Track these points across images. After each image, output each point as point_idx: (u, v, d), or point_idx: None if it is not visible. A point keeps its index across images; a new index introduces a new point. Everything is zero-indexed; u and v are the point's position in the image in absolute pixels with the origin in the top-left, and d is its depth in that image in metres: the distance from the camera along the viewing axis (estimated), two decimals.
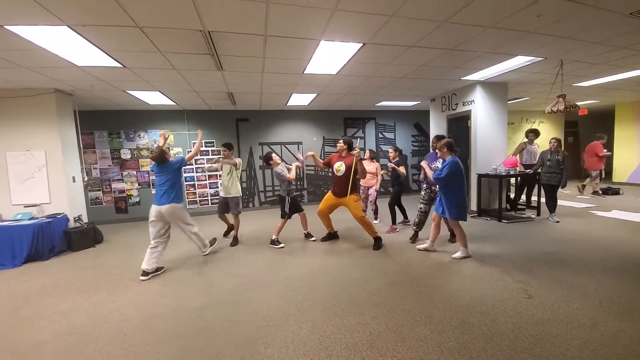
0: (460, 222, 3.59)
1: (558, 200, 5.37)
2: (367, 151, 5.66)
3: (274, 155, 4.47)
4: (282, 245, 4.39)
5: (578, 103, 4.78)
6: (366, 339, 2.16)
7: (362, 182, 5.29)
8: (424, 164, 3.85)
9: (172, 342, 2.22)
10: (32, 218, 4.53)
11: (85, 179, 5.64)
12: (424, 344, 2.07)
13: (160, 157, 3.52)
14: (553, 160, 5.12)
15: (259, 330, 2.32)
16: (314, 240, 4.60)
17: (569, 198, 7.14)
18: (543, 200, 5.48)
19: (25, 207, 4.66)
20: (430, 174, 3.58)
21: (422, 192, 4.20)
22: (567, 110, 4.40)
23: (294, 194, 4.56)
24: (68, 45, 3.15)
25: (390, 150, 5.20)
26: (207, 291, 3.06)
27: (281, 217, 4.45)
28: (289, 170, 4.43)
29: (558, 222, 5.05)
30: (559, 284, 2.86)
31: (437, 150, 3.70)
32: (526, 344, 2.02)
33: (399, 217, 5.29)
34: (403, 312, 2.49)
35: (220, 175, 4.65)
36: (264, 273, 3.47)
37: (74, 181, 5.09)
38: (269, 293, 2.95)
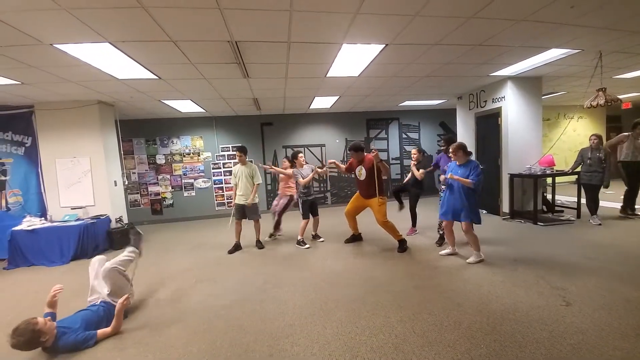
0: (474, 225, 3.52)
1: (600, 202, 5.00)
2: (284, 159, 5.31)
3: (300, 155, 4.55)
4: (307, 245, 4.48)
5: (620, 96, 4.45)
6: (392, 342, 2.15)
7: (279, 190, 5.15)
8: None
9: (204, 337, 2.34)
10: (78, 219, 4.94)
11: (126, 182, 6.06)
12: (452, 350, 2.02)
13: None
14: (594, 158, 4.79)
15: (286, 329, 2.38)
16: (322, 241, 4.71)
17: (613, 198, 6.60)
18: (583, 201, 5.13)
19: (72, 209, 5.09)
20: (468, 182, 3.37)
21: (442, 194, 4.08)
22: (608, 105, 4.11)
23: (310, 197, 4.58)
24: (110, 60, 3.42)
25: (414, 151, 4.81)
26: (236, 289, 3.18)
27: (303, 218, 4.59)
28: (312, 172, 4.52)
29: (600, 224, 4.70)
30: (599, 291, 2.67)
31: (450, 154, 3.64)
32: (563, 353, 1.91)
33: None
34: (430, 316, 2.45)
35: (235, 184, 4.60)
36: (289, 273, 3.54)
37: (115, 185, 5.49)
38: (294, 293, 3.02)
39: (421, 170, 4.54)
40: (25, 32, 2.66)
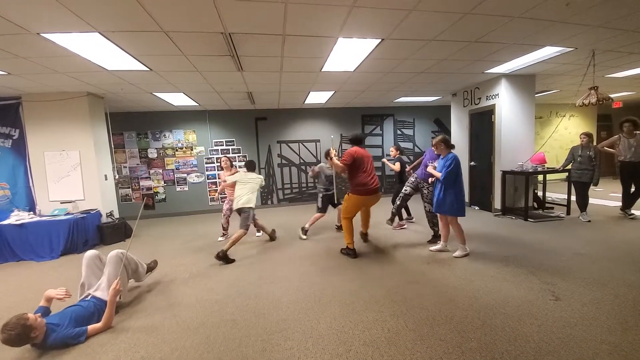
0: (458, 218, 3.59)
1: (590, 199, 5.09)
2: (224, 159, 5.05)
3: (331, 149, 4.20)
4: (305, 237, 4.64)
5: (612, 95, 4.50)
6: (385, 336, 2.17)
7: (227, 193, 4.90)
8: (430, 168, 3.72)
9: (198, 332, 2.33)
10: (67, 213, 4.85)
11: (116, 177, 5.96)
12: (444, 344, 2.05)
13: None
14: (584, 156, 4.86)
15: (279, 324, 2.38)
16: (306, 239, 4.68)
17: (602, 196, 6.74)
18: (573, 198, 5.22)
19: (61, 203, 5.00)
20: (438, 175, 3.53)
21: (425, 191, 4.19)
22: (599, 103, 4.16)
23: (330, 192, 4.66)
24: (99, 51, 3.33)
25: (392, 148, 5.08)
26: (230, 284, 3.17)
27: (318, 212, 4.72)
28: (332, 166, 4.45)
29: (589, 221, 4.79)
30: (588, 286, 2.73)
31: (433, 148, 3.71)
32: (552, 347, 1.95)
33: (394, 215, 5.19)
34: (422, 310, 2.47)
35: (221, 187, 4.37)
36: (283, 268, 3.54)
37: (106, 179, 5.39)
38: (288, 288, 3.02)
39: (397, 164, 4.83)
40: (11, 21, 2.57)
